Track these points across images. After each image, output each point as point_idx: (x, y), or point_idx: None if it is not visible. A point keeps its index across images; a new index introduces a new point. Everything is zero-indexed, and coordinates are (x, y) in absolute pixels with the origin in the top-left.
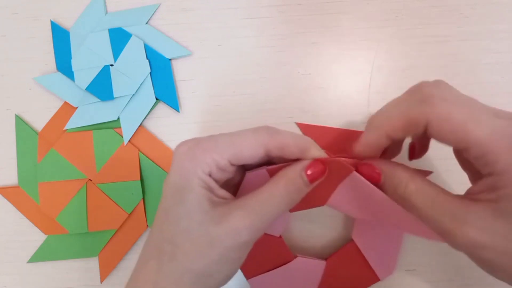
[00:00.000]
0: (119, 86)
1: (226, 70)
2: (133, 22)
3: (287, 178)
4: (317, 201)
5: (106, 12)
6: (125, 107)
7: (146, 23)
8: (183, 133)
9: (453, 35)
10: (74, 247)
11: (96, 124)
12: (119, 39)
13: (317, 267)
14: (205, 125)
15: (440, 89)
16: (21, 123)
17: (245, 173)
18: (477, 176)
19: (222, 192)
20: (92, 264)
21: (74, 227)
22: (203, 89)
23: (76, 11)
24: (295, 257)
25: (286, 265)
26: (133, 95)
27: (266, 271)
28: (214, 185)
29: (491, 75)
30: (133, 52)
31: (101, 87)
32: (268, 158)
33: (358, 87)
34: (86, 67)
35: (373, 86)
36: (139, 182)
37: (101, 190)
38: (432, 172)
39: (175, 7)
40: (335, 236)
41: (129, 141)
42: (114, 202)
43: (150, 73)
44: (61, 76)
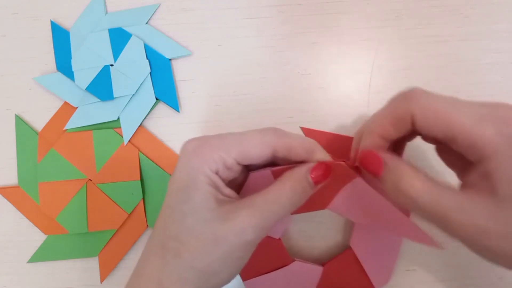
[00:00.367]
0: (119, 86)
1: (226, 70)
2: (133, 22)
3: (293, 179)
4: (318, 204)
5: (106, 12)
6: (125, 107)
7: (146, 23)
8: (183, 133)
9: (453, 35)
10: (74, 247)
11: (96, 124)
12: (119, 39)
13: (314, 272)
14: (205, 125)
15: (424, 91)
16: (21, 123)
17: (248, 173)
18: (464, 172)
19: (228, 190)
20: (92, 264)
21: (74, 227)
22: (203, 89)
23: (76, 11)
24: (292, 260)
25: (283, 269)
26: (133, 95)
27: (263, 273)
28: (220, 183)
29: (491, 75)
30: (133, 52)
31: (101, 87)
32: (273, 160)
33: (358, 87)
34: (86, 67)
35: (373, 86)
36: (139, 182)
37: (101, 190)
38: None
39: (175, 7)
40: (333, 242)
41: (129, 141)
42: (114, 202)
43: (150, 73)
44: (61, 76)
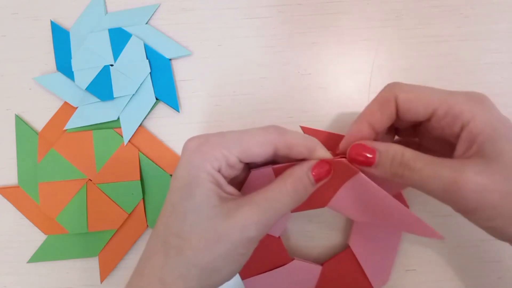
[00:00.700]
0: (119, 86)
1: (226, 70)
2: (133, 22)
3: (294, 177)
4: (318, 202)
5: (106, 12)
6: (125, 107)
7: (146, 23)
8: (183, 133)
9: (453, 35)
10: (74, 247)
11: (96, 124)
12: (119, 39)
13: (313, 271)
14: (205, 125)
15: (403, 83)
16: (21, 123)
17: (249, 171)
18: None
19: (230, 188)
20: (92, 264)
21: (74, 227)
22: (203, 89)
23: (76, 11)
24: (292, 259)
25: (282, 267)
26: (133, 95)
27: (262, 272)
28: (222, 180)
29: (491, 75)
30: (133, 52)
31: (101, 87)
32: (274, 158)
33: (358, 87)
34: (86, 67)
35: (373, 86)
36: (139, 182)
37: (101, 190)
38: None
39: (175, 7)
40: (332, 242)
41: (129, 141)
42: (114, 202)
43: (150, 73)
44: (61, 76)
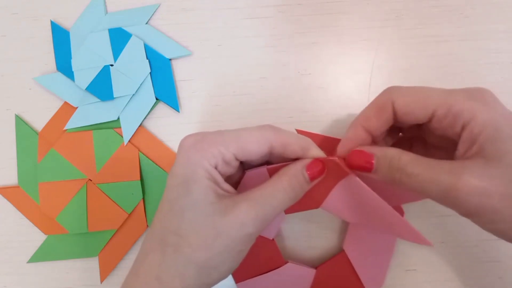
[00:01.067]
0: (119, 86)
1: (226, 70)
2: (133, 22)
3: (289, 175)
4: (312, 203)
5: (106, 12)
6: (125, 107)
7: (146, 23)
8: (183, 133)
9: (453, 35)
10: (74, 247)
11: (96, 124)
12: (119, 39)
13: (306, 274)
14: (205, 125)
15: (400, 86)
16: (21, 123)
17: (244, 171)
18: (451, 155)
19: (226, 185)
20: (92, 264)
21: (74, 227)
22: (203, 89)
23: (76, 11)
24: (286, 262)
25: (276, 270)
26: (133, 95)
27: (256, 274)
28: (219, 178)
29: (491, 75)
30: (133, 52)
31: (101, 87)
32: (269, 157)
33: (358, 87)
34: (86, 67)
35: (373, 86)
36: (139, 182)
37: (101, 190)
38: None
39: (175, 7)
40: (326, 245)
41: (129, 141)
42: (114, 202)
43: (150, 73)
44: (61, 76)
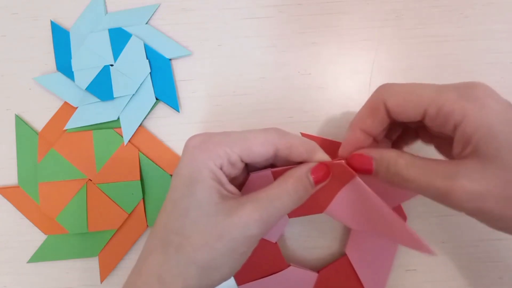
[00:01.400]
0: (119, 86)
1: (226, 70)
2: (133, 22)
3: (294, 177)
4: (316, 207)
5: (106, 12)
6: (125, 107)
7: (146, 23)
8: (183, 133)
9: (453, 35)
10: (74, 247)
11: (96, 124)
12: (119, 39)
13: (309, 278)
14: (205, 125)
15: (391, 83)
16: (21, 123)
17: (249, 174)
18: (450, 152)
19: (231, 187)
20: (92, 264)
21: (74, 227)
22: (203, 89)
23: (76, 11)
24: (288, 265)
25: (278, 273)
26: (133, 95)
27: (258, 277)
28: (224, 179)
29: (491, 75)
30: (133, 52)
31: (101, 87)
32: (274, 160)
33: (358, 87)
34: (86, 67)
35: (373, 86)
36: (139, 182)
37: (101, 190)
38: None
39: (175, 7)
40: (329, 249)
41: (129, 141)
42: (114, 202)
43: (150, 73)
44: (61, 76)
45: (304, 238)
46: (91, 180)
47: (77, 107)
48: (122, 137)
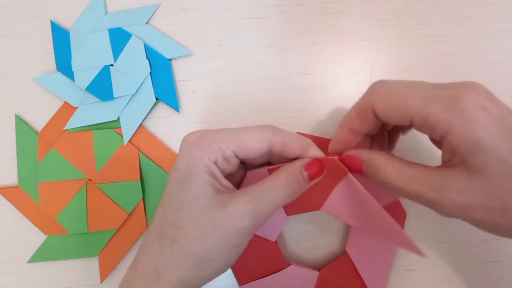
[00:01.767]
0: (119, 86)
1: (226, 70)
2: (133, 22)
3: (288, 172)
4: (313, 205)
5: (106, 12)
6: (125, 107)
7: (146, 23)
8: (183, 133)
9: (453, 35)
10: (74, 247)
11: (96, 124)
12: (119, 39)
13: (310, 276)
14: (205, 125)
15: (383, 82)
16: (21, 123)
17: (246, 172)
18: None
19: (225, 182)
20: (92, 264)
21: (74, 227)
22: (203, 89)
23: (76, 11)
24: (288, 264)
25: (279, 273)
26: (133, 95)
27: (259, 277)
28: (219, 173)
29: (491, 75)
30: (133, 52)
31: (101, 87)
32: (269, 158)
33: (358, 87)
34: (86, 67)
35: None
36: (139, 182)
37: (101, 190)
38: None
39: (175, 7)
40: (329, 247)
41: (129, 141)
42: (114, 202)
43: (150, 73)
44: (61, 76)
45: (303, 236)
46: (91, 180)
47: (77, 107)
48: (122, 137)
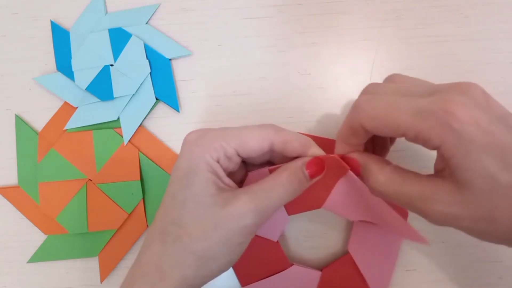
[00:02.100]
0: (119, 86)
1: (226, 70)
2: (133, 22)
3: (289, 170)
4: (314, 203)
5: (106, 12)
6: (125, 107)
7: (146, 23)
8: (183, 133)
9: (453, 35)
10: (74, 247)
11: (96, 124)
12: (119, 39)
13: (312, 277)
14: (205, 125)
15: (367, 97)
16: (21, 123)
17: (247, 172)
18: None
19: (227, 180)
20: (92, 264)
21: (74, 227)
22: (203, 89)
23: (76, 11)
24: (291, 265)
25: (281, 273)
26: (133, 95)
27: (262, 278)
28: (221, 172)
29: (491, 75)
30: (133, 52)
31: (101, 87)
32: (270, 157)
33: (358, 87)
34: (86, 67)
35: None
36: (139, 182)
37: (101, 190)
38: None
39: (175, 7)
40: (332, 247)
41: (129, 141)
42: (114, 202)
43: (150, 73)
44: (61, 76)
45: (305, 236)
46: (91, 180)
47: (77, 107)
48: (122, 137)
